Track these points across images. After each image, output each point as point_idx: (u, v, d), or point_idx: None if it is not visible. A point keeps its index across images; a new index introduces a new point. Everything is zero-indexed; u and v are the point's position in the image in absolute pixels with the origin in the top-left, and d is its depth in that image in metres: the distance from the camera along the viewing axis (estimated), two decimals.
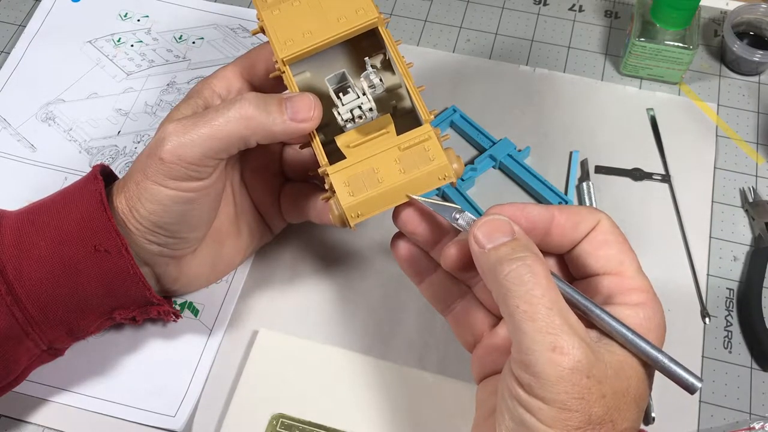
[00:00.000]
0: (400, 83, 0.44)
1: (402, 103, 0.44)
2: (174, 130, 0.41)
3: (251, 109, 0.41)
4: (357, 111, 0.41)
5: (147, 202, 0.42)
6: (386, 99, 0.44)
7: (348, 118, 0.41)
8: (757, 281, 0.52)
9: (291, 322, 0.52)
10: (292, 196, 0.50)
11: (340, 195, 0.39)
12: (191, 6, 0.68)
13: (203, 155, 0.41)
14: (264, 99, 0.41)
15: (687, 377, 0.33)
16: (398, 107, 0.44)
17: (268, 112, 0.41)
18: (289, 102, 0.41)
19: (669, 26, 0.59)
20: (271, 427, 0.47)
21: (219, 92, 0.45)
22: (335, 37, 0.41)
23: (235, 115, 0.41)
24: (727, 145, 0.59)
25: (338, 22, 0.41)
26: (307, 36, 0.41)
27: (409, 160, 0.40)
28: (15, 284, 0.42)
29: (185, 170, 0.41)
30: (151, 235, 0.43)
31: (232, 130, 0.41)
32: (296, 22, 0.42)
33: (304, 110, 0.41)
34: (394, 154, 0.40)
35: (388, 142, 0.40)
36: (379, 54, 0.45)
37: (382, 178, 0.39)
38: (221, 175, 0.44)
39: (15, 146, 0.60)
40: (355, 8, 0.42)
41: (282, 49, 0.41)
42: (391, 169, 0.39)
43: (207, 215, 0.46)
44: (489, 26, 0.66)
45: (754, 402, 0.49)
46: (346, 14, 0.42)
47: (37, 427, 0.48)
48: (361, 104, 0.41)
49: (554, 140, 0.59)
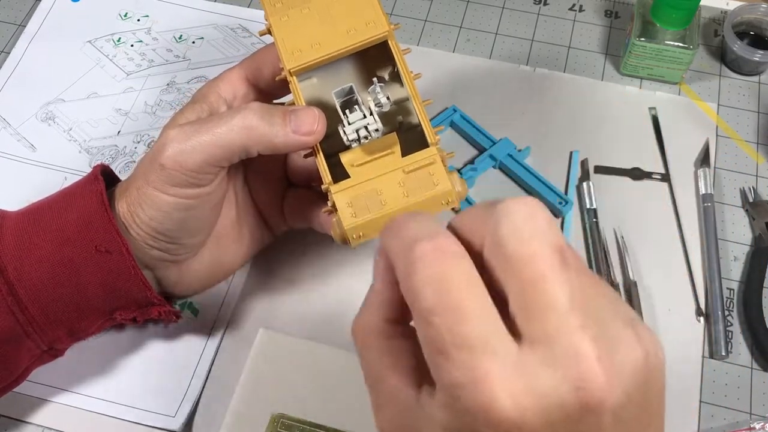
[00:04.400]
0: (407, 96, 0.43)
1: (408, 117, 0.44)
2: (175, 137, 0.41)
3: (255, 120, 0.40)
4: (363, 132, 0.40)
5: (148, 208, 0.42)
6: (393, 112, 0.44)
7: (354, 138, 0.40)
8: (757, 281, 0.52)
9: (291, 322, 0.52)
10: (296, 202, 0.49)
11: (342, 215, 0.39)
12: (191, 6, 0.68)
13: (204, 162, 0.41)
14: (268, 110, 0.41)
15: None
16: (404, 122, 0.44)
17: (272, 124, 0.40)
18: (294, 114, 0.41)
19: (669, 26, 0.59)
20: (271, 427, 0.47)
21: (225, 96, 0.45)
22: (344, 50, 0.41)
23: (238, 124, 0.40)
24: (727, 145, 0.59)
25: (348, 34, 0.41)
26: (316, 47, 0.41)
27: (413, 184, 0.39)
28: (16, 285, 0.42)
29: (186, 177, 0.41)
30: (151, 240, 0.43)
31: (233, 139, 0.40)
32: (305, 30, 0.41)
33: (308, 124, 0.40)
34: (399, 176, 0.40)
35: (393, 164, 0.40)
36: (387, 66, 0.44)
37: (386, 201, 0.39)
38: (222, 182, 0.44)
39: (15, 146, 0.60)
40: (365, 20, 0.41)
41: (289, 59, 0.41)
42: (394, 191, 0.39)
43: (208, 221, 0.46)
44: (489, 26, 0.66)
45: (754, 402, 0.49)
46: (356, 26, 0.41)
47: (37, 427, 0.48)
48: (368, 125, 0.40)
49: (554, 140, 0.59)
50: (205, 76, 0.63)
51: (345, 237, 0.40)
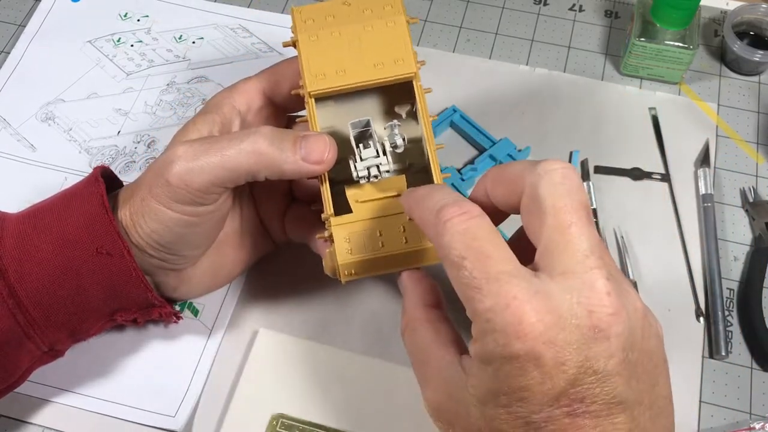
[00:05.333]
0: (420, 137, 0.42)
1: (419, 159, 0.43)
2: (184, 154, 0.40)
3: (265, 145, 0.40)
4: (374, 170, 0.40)
5: (150, 221, 0.42)
6: (405, 152, 0.43)
7: (364, 175, 0.40)
8: (757, 281, 0.52)
9: (291, 322, 0.52)
10: (297, 218, 0.49)
11: (338, 250, 0.39)
12: (191, 6, 0.68)
13: (210, 183, 0.40)
14: (279, 135, 0.40)
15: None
16: (414, 163, 0.43)
17: (282, 150, 0.40)
18: (305, 141, 0.40)
19: (669, 26, 0.59)
20: (271, 427, 0.47)
21: (239, 108, 0.45)
22: (369, 83, 0.40)
23: (247, 148, 0.40)
24: (727, 145, 0.59)
25: (374, 68, 0.40)
26: (340, 75, 0.40)
27: (415, 232, 0.39)
28: (17, 286, 0.42)
29: (191, 196, 0.41)
30: (151, 250, 0.43)
31: (242, 163, 0.40)
32: (332, 55, 0.41)
33: (318, 152, 0.40)
34: (402, 220, 0.39)
35: (397, 207, 0.40)
36: (406, 103, 0.44)
37: (384, 243, 0.39)
38: (227, 200, 0.44)
39: (15, 146, 0.60)
40: (394, 57, 0.41)
41: (312, 82, 0.40)
42: (395, 236, 0.39)
43: (209, 236, 0.46)
44: (489, 26, 0.66)
45: (754, 402, 0.49)
46: (384, 60, 0.40)
47: (38, 428, 0.48)
48: (380, 164, 0.40)
49: (554, 140, 0.59)
50: (205, 76, 0.63)
51: (336, 271, 0.39)
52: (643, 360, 0.31)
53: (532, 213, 0.33)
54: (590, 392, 0.29)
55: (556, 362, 0.29)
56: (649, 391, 0.31)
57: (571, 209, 0.31)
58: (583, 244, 0.31)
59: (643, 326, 0.31)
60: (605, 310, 0.30)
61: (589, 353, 0.29)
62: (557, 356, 0.29)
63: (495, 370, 0.30)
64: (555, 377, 0.29)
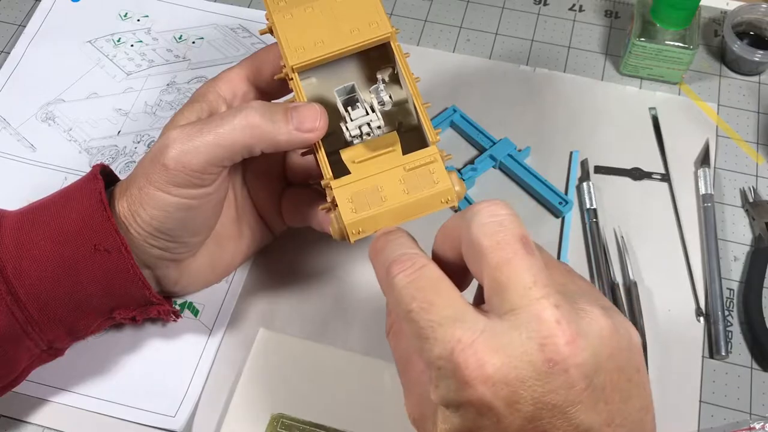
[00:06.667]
0: (407, 98, 0.43)
1: (408, 119, 0.44)
2: (178, 137, 0.41)
3: (257, 118, 0.40)
4: (366, 128, 0.41)
5: (150, 208, 0.42)
6: (393, 114, 0.44)
7: (356, 135, 0.41)
8: (757, 281, 0.52)
9: (291, 322, 0.52)
10: (293, 201, 0.50)
11: (342, 211, 0.39)
12: (191, 6, 0.68)
13: (207, 163, 0.41)
14: (270, 108, 0.41)
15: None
16: (404, 123, 0.44)
17: (274, 121, 0.40)
18: (295, 111, 0.41)
19: (669, 26, 0.59)
20: (271, 427, 0.47)
21: (224, 96, 0.45)
22: (347, 49, 0.41)
23: (240, 124, 0.40)
24: (727, 145, 0.59)
25: (351, 34, 0.41)
26: (319, 45, 0.41)
27: (414, 182, 0.40)
28: (15, 284, 0.42)
29: (189, 177, 0.41)
30: (152, 239, 0.43)
31: (236, 139, 0.40)
32: (308, 29, 0.42)
33: (310, 120, 0.40)
34: (399, 173, 0.40)
35: (393, 161, 0.40)
36: (388, 67, 0.44)
37: (386, 197, 0.39)
38: (224, 181, 0.44)
39: (15, 146, 0.60)
40: (368, 21, 0.42)
41: (293, 56, 0.41)
42: (395, 188, 0.39)
43: (209, 221, 0.46)
44: (489, 26, 0.66)
45: (754, 402, 0.49)
46: (359, 26, 0.41)
47: (37, 427, 0.48)
48: (371, 121, 0.41)
49: (554, 140, 0.59)
50: (205, 76, 0.63)
51: (344, 232, 0.40)
52: (613, 378, 0.30)
53: (472, 258, 0.32)
54: (551, 425, 0.29)
55: (509, 402, 0.28)
56: (620, 409, 0.30)
57: (504, 244, 0.30)
58: (524, 276, 0.29)
59: (610, 344, 0.30)
60: (558, 340, 0.28)
61: (546, 387, 0.28)
62: (510, 396, 0.28)
63: (455, 413, 0.30)
64: (509, 417, 0.28)
